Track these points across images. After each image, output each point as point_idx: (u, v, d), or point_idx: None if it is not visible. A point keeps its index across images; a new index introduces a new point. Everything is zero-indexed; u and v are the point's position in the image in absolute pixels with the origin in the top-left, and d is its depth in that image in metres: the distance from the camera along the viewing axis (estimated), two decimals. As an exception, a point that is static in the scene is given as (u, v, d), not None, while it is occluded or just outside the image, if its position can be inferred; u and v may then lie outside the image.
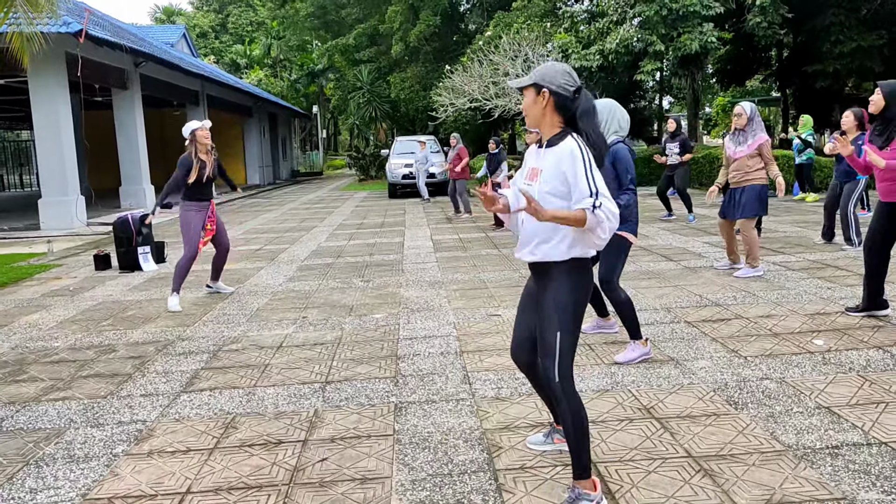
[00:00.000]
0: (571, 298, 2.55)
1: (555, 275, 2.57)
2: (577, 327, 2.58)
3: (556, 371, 2.53)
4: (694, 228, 10.09)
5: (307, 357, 4.66)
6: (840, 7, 21.74)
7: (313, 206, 18.23)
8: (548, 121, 2.58)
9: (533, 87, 2.57)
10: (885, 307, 5.01)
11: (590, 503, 2.55)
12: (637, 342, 4.31)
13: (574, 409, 2.54)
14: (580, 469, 2.57)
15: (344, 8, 33.86)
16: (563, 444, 2.85)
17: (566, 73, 2.56)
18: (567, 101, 2.54)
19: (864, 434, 3.12)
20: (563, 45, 18.53)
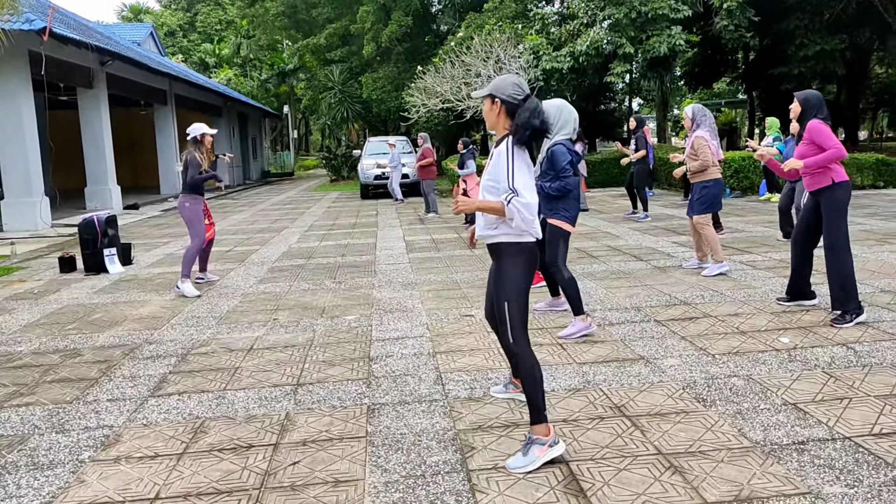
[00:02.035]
0: (515, 274, 3.02)
1: (502, 254, 3.04)
2: (524, 297, 3.03)
3: (509, 334, 3.02)
4: (663, 228, 10.22)
5: (278, 359, 4.62)
6: (804, 11, 22.25)
7: (284, 206, 18.07)
8: (500, 124, 3.06)
9: (489, 96, 3.05)
10: (813, 297, 5.36)
11: (542, 445, 2.97)
12: (579, 318, 4.84)
13: (527, 365, 3.01)
14: (535, 415, 3.00)
15: (315, 7, 33.63)
16: (518, 393, 3.56)
17: (516, 84, 3.03)
18: (515, 108, 3.00)
19: (829, 429, 3.19)
20: (535, 47, 18.64)
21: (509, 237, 3.00)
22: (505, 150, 2.97)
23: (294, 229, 12.51)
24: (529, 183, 2.95)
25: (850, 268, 4.82)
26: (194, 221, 6.98)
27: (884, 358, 4.12)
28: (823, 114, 4.98)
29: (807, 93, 5.13)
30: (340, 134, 38.79)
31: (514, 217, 2.90)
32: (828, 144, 4.79)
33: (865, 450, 2.97)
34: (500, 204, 2.92)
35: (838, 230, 4.84)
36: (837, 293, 4.87)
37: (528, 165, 3.01)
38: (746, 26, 19.21)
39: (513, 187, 2.90)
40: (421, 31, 30.24)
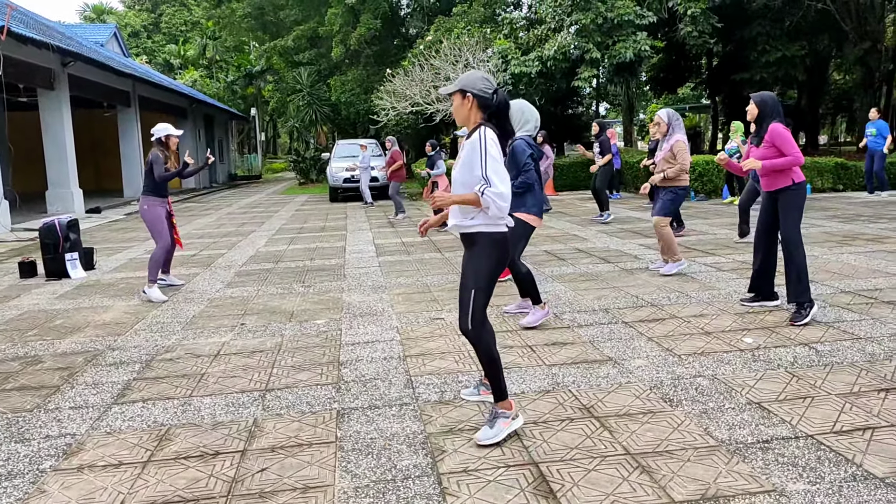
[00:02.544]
0: (487, 263, 3.11)
1: (476, 243, 3.13)
2: (490, 288, 3.13)
3: (469, 321, 3.11)
4: (630, 231, 10.35)
5: (246, 365, 4.56)
6: (765, 18, 22.77)
7: (252, 210, 17.87)
8: (472, 119, 3.15)
9: (459, 92, 3.12)
10: (776, 298, 5.47)
11: (506, 418, 3.17)
12: (537, 307, 5.12)
13: (485, 348, 3.16)
14: (498, 392, 3.21)
15: (282, 9, 33.35)
16: (489, 395, 3.49)
17: (484, 79, 3.13)
18: (487, 101, 3.11)
19: (793, 428, 3.25)
20: (503, 51, 18.76)
21: (486, 227, 3.08)
22: (478, 141, 3.03)
23: (262, 233, 12.38)
24: (503, 173, 3.03)
25: (804, 260, 5.01)
26: (156, 224, 6.86)
27: (844, 357, 4.22)
28: (781, 115, 5.12)
29: (762, 94, 5.26)
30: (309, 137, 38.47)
31: (489, 206, 2.99)
32: (788, 150, 4.96)
33: (827, 447, 3.04)
34: (474, 196, 3.01)
35: (794, 225, 5.03)
36: (795, 285, 5.02)
37: (500, 155, 3.08)
38: (710, 32, 19.59)
39: (486, 176, 2.99)
40: (390, 34, 30.20)
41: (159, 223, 6.86)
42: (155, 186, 6.82)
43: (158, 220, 6.86)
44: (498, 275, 3.16)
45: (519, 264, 5.15)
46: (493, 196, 2.97)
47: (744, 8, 22.48)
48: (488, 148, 3.02)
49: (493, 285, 3.15)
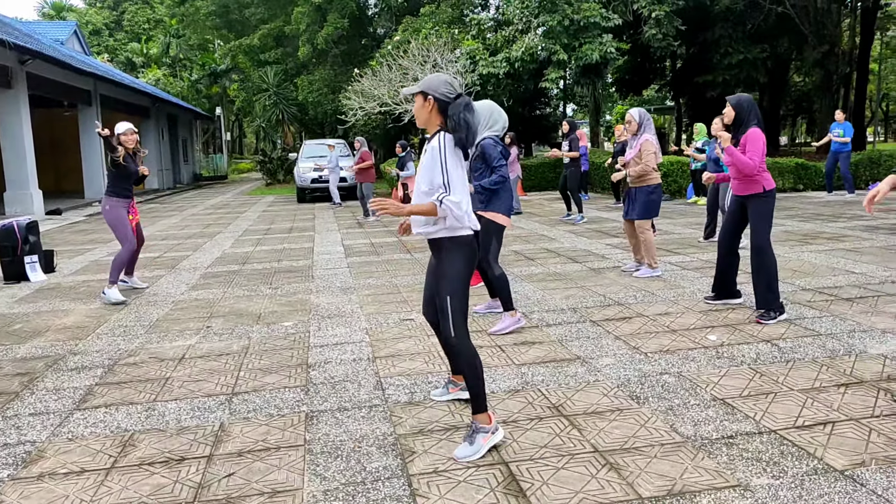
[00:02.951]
0: (457, 268, 3.06)
1: (443, 249, 3.08)
2: (464, 291, 3.08)
3: (451, 329, 3.05)
4: (597, 231, 10.46)
5: (212, 368, 4.49)
6: (728, 21, 23.23)
7: (217, 211, 17.62)
8: (432, 122, 3.09)
9: (420, 93, 3.06)
10: (739, 296, 5.56)
11: (486, 433, 3.09)
12: (508, 313, 5.03)
13: (469, 359, 3.08)
14: (477, 406, 3.11)
15: (248, 7, 32.98)
16: (458, 392, 3.62)
17: (447, 82, 3.06)
18: (446, 106, 3.03)
19: (756, 423, 3.32)
20: (471, 52, 18.82)
21: (449, 231, 3.04)
22: (438, 147, 2.99)
23: (228, 234, 12.21)
24: (462, 180, 3.02)
25: (775, 269, 5.02)
26: (118, 225, 6.69)
27: (805, 353, 4.32)
28: (758, 118, 5.10)
29: (739, 97, 5.21)
30: (276, 137, 38.13)
31: (446, 216, 2.97)
32: (753, 154, 4.93)
33: (790, 442, 3.10)
34: (430, 206, 2.96)
35: (765, 233, 5.02)
36: (764, 293, 5.03)
37: (461, 162, 3.05)
38: (674, 35, 19.92)
39: (446, 184, 2.96)
40: (357, 34, 30.08)
41: (122, 225, 6.70)
42: (118, 187, 6.65)
43: (121, 221, 6.70)
44: (469, 277, 3.12)
45: (494, 266, 5.05)
46: (450, 205, 2.93)
47: (707, 11, 22.90)
48: (447, 154, 2.98)
49: (467, 288, 3.10)
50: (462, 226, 3.04)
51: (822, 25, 23.36)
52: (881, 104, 42.79)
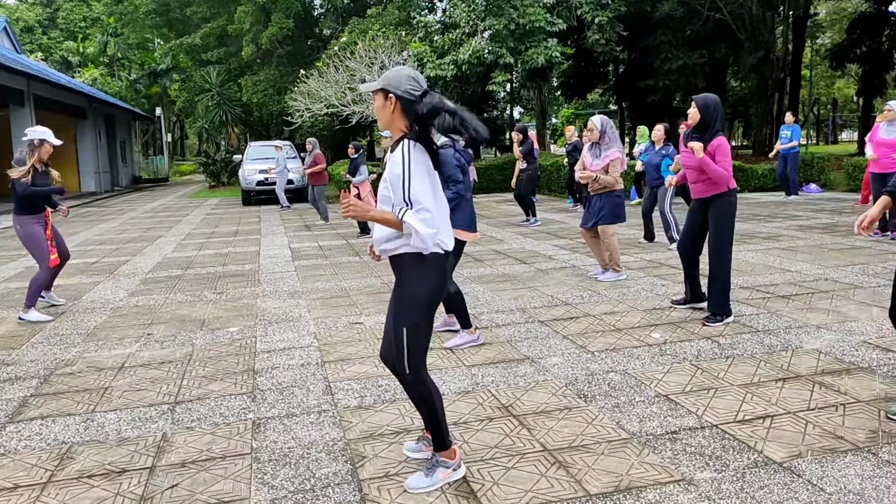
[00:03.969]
0: (419, 290, 2.66)
1: (404, 268, 2.69)
2: (427, 322, 2.70)
3: (405, 365, 2.67)
4: (545, 233, 10.60)
5: (153, 377, 4.35)
6: (668, 28, 23.89)
7: (158, 214, 17.14)
8: (395, 124, 2.69)
9: (381, 91, 2.67)
10: (704, 299, 5.51)
11: (447, 469, 2.84)
12: (466, 331, 4.80)
13: (424, 398, 2.73)
14: (439, 444, 2.83)
15: (189, 6, 32.19)
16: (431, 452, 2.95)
17: (412, 78, 2.66)
18: (412, 105, 2.64)
19: (699, 418, 3.41)
20: (419, 54, 18.82)
21: (413, 248, 2.63)
22: (401, 156, 2.61)
23: (169, 238, 11.89)
24: (434, 189, 2.66)
25: (729, 274, 5.05)
26: (31, 245, 6.02)
27: (744, 349, 4.47)
28: (723, 121, 5.07)
29: (706, 97, 5.03)
30: (219, 138, 37.30)
31: (412, 232, 2.57)
32: (725, 164, 4.91)
33: (731, 436, 3.20)
34: (395, 218, 2.60)
35: (726, 237, 4.99)
36: (718, 297, 5.05)
37: (429, 170, 2.67)
38: (616, 40, 20.37)
39: (409, 199, 2.56)
40: (303, 35, 29.71)
41: (36, 244, 6.01)
42: (25, 203, 5.91)
43: (35, 240, 6.01)
44: (435, 305, 2.70)
45: (449, 283, 4.63)
46: (414, 221, 2.55)
47: (648, 17, 23.50)
48: (413, 165, 2.58)
49: (431, 318, 2.70)
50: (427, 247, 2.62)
51: (757, 32, 24.26)
52: (812, 108, 44.68)
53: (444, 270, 2.73)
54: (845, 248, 8.14)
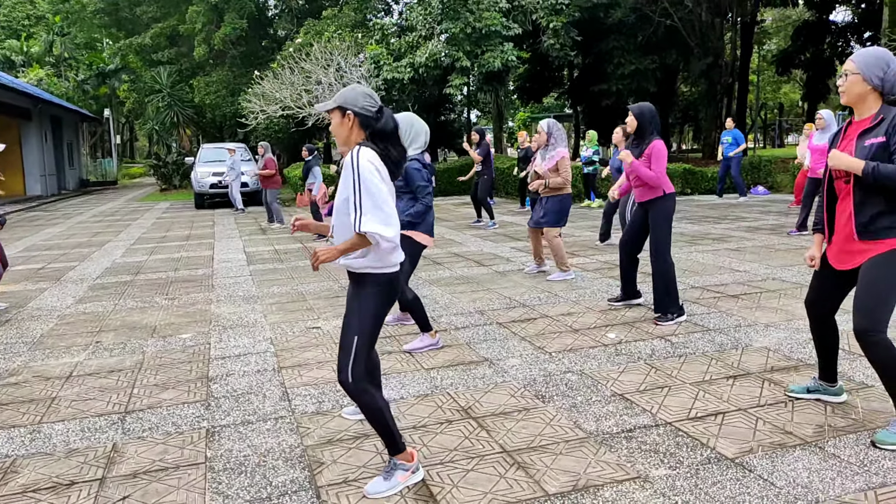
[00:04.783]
0: (371, 306, 2.76)
1: (361, 284, 2.78)
2: (374, 332, 2.79)
3: (349, 371, 2.72)
4: (502, 235, 10.66)
5: (103, 386, 4.23)
6: (620, 33, 24.33)
7: (107, 218, 16.67)
8: (353, 139, 2.77)
9: (338, 109, 2.76)
10: (639, 296, 5.78)
11: (405, 471, 2.85)
12: (426, 334, 4.76)
13: (368, 405, 2.75)
14: (393, 448, 2.84)
15: (139, 5, 31.40)
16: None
17: (367, 95, 2.77)
18: (370, 121, 2.74)
19: (653, 416, 3.47)
20: (375, 57, 18.75)
21: (375, 268, 2.74)
22: (350, 165, 2.64)
23: (118, 243, 11.57)
24: (389, 195, 2.68)
25: (673, 273, 5.20)
26: None
27: (696, 348, 4.57)
28: (658, 126, 5.28)
29: (641, 106, 5.28)
30: (171, 140, 36.50)
31: (378, 242, 2.64)
32: (657, 168, 5.10)
33: (684, 433, 3.27)
34: (357, 238, 2.64)
35: (664, 238, 5.17)
36: (662, 296, 5.20)
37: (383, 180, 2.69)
38: (570, 45, 20.64)
39: (360, 208, 2.60)
40: (257, 35, 29.29)
41: None
42: None
43: None
44: (383, 317, 2.83)
45: (406, 290, 4.65)
46: (373, 230, 2.61)
47: (601, 23, 23.89)
48: (362, 173, 2.61)
49: (378, 329, 2.80)
50: (393, 259, 2.75)
51: (706, 38, 24.89)
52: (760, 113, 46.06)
53: (396, 286, 2.85)
54: (791, 248, 8.41)
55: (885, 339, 2.98)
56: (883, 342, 2.98)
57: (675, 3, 23.59)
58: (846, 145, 3.12)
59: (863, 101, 3.06)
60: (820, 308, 3.40)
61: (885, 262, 2.99)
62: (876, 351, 2.99)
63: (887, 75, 2.96)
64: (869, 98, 3.04)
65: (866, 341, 3.01)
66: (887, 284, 3.00)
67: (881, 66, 2.97)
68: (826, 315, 3.41)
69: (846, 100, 3.10)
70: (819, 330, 3.46)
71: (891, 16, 18.12)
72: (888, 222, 2.99)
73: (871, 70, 2.98)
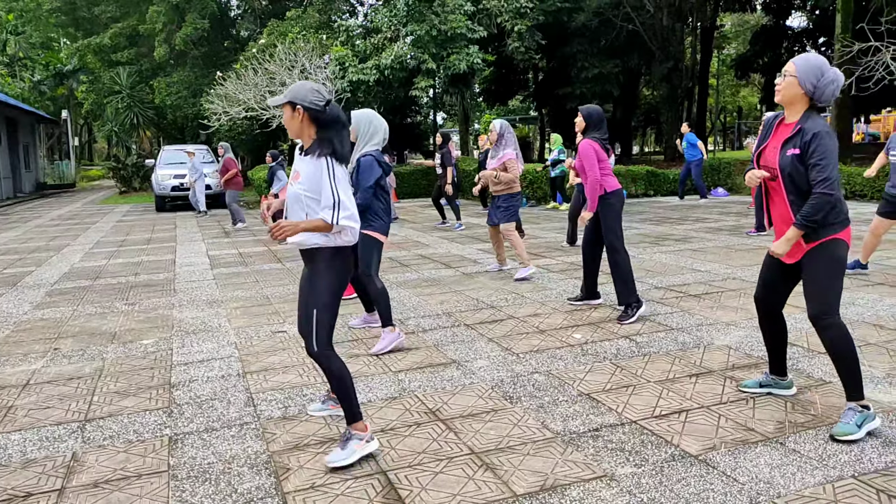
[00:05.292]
0: (329, 280, 2.98)
1: (317, 260, 2.98)
2: (334, 304, 3.00)
3: (314, 342, 2.98)
4: (469, 237, 10.69)
5: (61, 394, 4.12)
6: (584, 37, 24.64)
7: (65, 222, 16.26)
8: (305, 132, 2.99)
9: (288, 104, 2.95)
10: (599, 297, 5.90)
11: (360, 441, 3.05)
12: (387, 329, 4.77)
13: (336, 371, 3.00)
14: (350, 416, 3.06)
15: (97, 5, 30.72)
16: (338, 409, 3.42)
17: (315, 90, 2.96)
18: (318, 114, 2.95)
19: (619, 415, 3.51)
20: (341, 58, 18.64)
21: (326, 241, 2.94)
22: (325, 163, 2.89)
23: (77, 247, 11.29)
24: (350, 191, 2.96)
25: (628, 264, 5.38)
26: None
27: (660, 347, 4.64)
28: (602, 129, 5.49)
29: (589, 108, 5.61)
30: (130, 142, 35.74)
31: (343, 230, 2.92)
32: (587, 170, 5.31)
33: (649, 431, 3.31)
34: (321, 221, 2.87)
35: (615, 233, 5.39)
36: (620, 288, 5.39)
37: (345, 172, 2.99)
38: (535, 48, 20.83)
39: (338, 200, 2.87)
40: (219, 36, 28.90)
41: None
42: None
43: None
44: (342, 290, 3.04)
45: (375, 280, 4.78)
46: (347, 224, 2.89)
47: (565, 27, 24.17)
48: (337, 172, 2.90)
49: (337, 301, 3.02)
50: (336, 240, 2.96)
51: (667, 43, 25.35)
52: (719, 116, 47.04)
53: (352, 260, 3.06)
54: (751, 248, 8.60)
55: (838, 320, 3.16)
56: (837, 324, 3.15)
57: (637, 8, 23.98)
58: (773, 145, 3.28)
59: (794, 103, 3.21)
60: (768, 303, 3.53)
61: (826, 253, 3.17)
62: (831, 333, 3.15)
63: (820, 83, 3.11)
64: (799, 102, 3.19)
65: (822, 325, 3.17)
66: (831, 271, 3.17)
67: (816, 74, 3.12)
68: (774, 309, 3.54)
69: (779, 99, 3.26)
70: (768, 324, 3.59)
71: (843, 22, 18.69)
72: (828, 219, 3.14)
73: (807, 76, 3.13)
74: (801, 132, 3.14)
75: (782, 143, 3.22)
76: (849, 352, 3.16)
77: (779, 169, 3.20)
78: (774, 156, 3.23)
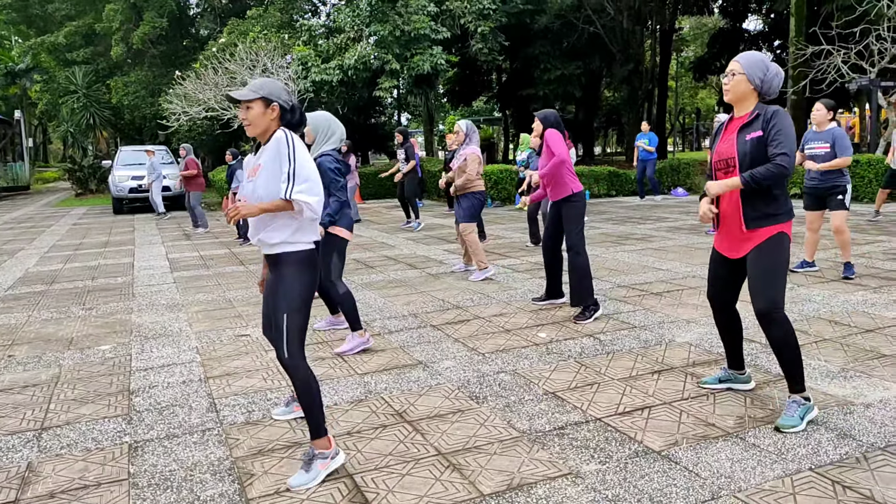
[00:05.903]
0: (296, 284, 2.89)
1: (281, 264, 2.90)
2: (304, 309, 2.91)
3: (284, 348, 2.87)
4: (434, 237, 10.69)
5: (16, 402, 3.99)
6: (546, 39, 24.86)
7: (19, 225, 15.78)
8: (271, 130, 2.93)
9: (262, 100, 2.88)
10: (563, 296, 5.93)
11: (324, 459, 2.95)
12: (355, 333, 4.75)
13: (303, 380, 2.90)
14: (314, 430, 2.95)
15: (51, 2, 29.92)
16: (301, 411, 3.28)
17: (286, 90, 2.97)
18: (287, 114, 2.95)
19: (583, 413, 3.55)
20: (303, 58, 18.48)
21: (291, 245, 2.87)
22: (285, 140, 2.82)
23: (31, 251, 10.97)
24: (315, 173, 2.86)
25: (587, 267, 5.43)
26: None
27: (623, 345, 4.70)
28: (559, 131, 5.56)
29: (545, 112, 5.72)
30: (87, 143, 34.86)
31: (302, 209, 2.79)
32: (555, 150, 5.38)
33: (613, 428, 3.35)
34: (281, 201, 2.78)
35: (577, 234, 5.45)
36: (577, 288, 5.43)
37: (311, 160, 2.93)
38: (498, 50, 20.93)
39: (292, 176, 2.78)
40: (178, 35, 28.41)
41: None
42: None
43: None
44: (311, 294, 2.93)
45: (339, 284, 4.71)
46: (303, 197, 2.77)
47: (528, 29, 24.34)
48: (297, 148, 2.83)
49: (306, 308, 2.91)
50: (308, 236, 2.90)
51: (628, 45, 25.73)
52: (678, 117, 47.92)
53: (317, 262, 2.98)
54: (710, 247, 8.77)
55: (783, 315, 3.25)
56: (782, 319, 3.24)
57: (597, 11, 24.28)
58: (727, 139, 3.39)
59: (744, 99, 3.33)
60: (721, 299, 3.62)
61: (770, 247, 3.26)
62: (776, 328, 3.24)
63: (766, 76, 3.25)
64: (749, 97, 3.32)
65: (768, 319, 3.24)
66: (776, 267, 3.26)
67: (762, 69, 3.26)
68: (727, 305, 3.63)
69: (729, 97, 3.36)
70: (722, 320, 3.68)
71: (797, 26, 19.21)
72: (771, 209, 3.26)
73: (753, 71, 3.26)
74: (759, 116, 3.24)
75: (738, 130, 3.31)
76: (794, 346, 3.26)
77: (737, 156, 3.27)
78: (731, 146, 3.32)
